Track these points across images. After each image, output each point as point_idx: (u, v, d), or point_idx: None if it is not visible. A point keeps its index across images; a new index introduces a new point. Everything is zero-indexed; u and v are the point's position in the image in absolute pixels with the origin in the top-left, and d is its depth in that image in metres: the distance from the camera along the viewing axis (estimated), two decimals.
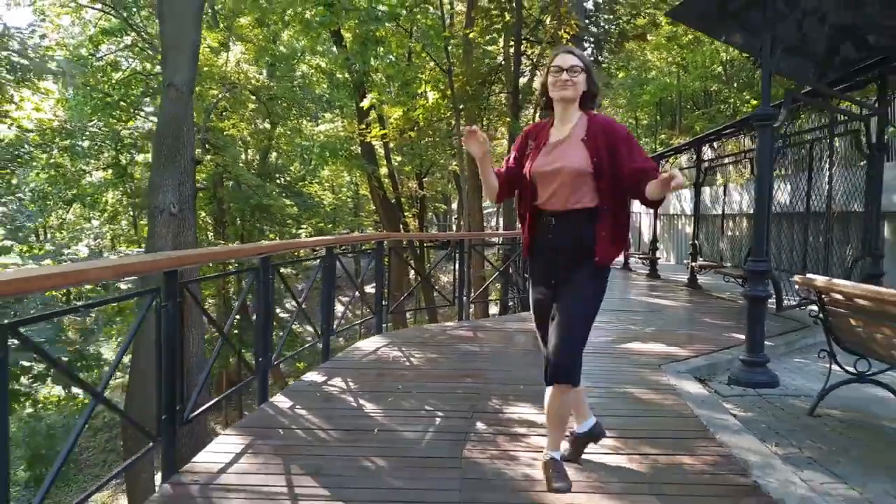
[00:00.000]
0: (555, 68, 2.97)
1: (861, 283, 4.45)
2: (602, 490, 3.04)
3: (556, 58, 3.02)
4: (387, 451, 3.45)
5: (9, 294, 1.86)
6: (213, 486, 2.98)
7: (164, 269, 2.93)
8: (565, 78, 2.91)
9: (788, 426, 4.36)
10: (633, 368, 5.49)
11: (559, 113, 3.03)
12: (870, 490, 3.33)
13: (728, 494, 3.02)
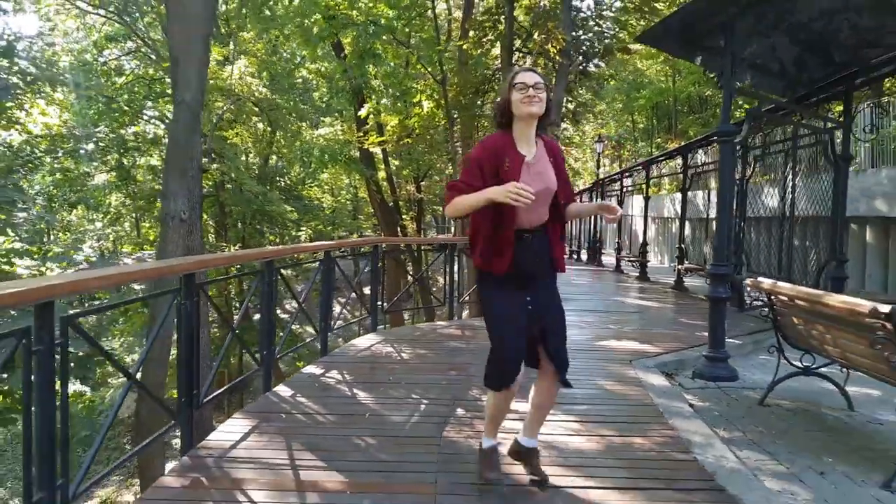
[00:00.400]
0: (520, 85, 2.97)
1: (801, 286, 4.93)
2: (560, 464, 3.53)
3: (519, 75, 3.03)
4: (376, 432, 3.94)
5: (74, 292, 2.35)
6: (226, 458, 3.47)
7: (187, 272, 3.42)
8: (532, 94, 2.93)
9: (739, 414, 4.85)
10: (605, 363, 5.98)
11: (523, 130, 3.02)
12: (796, 466, 3.82)
13: (668, 468, 3.51)
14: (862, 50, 7.22)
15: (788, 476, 3.69)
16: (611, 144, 38.82)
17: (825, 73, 7.60)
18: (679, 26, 5.78)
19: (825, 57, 7.37)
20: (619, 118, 36.77)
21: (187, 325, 3.53)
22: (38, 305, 2.28)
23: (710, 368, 5.81)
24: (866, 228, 13.42)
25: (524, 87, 2.93)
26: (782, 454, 4.01)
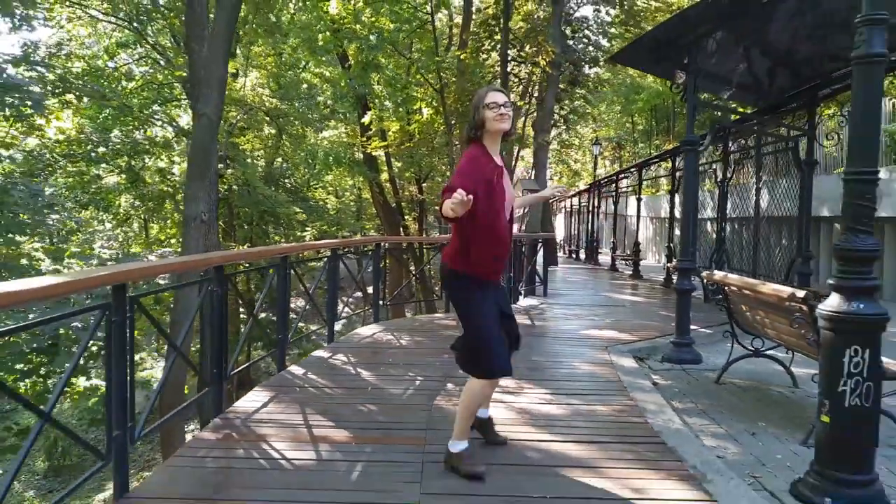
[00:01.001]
0: (493, 104, 3.21)
1: (745, 277, 5.59)
2: (531, 424, 4.20)
3: (489, 95, 3.26)
4: (376, 401, 4.63)
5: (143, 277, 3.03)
6: (250, 419, 4.15)
7: (217, 265, 4.10)
8: (503, 112, 3.21)
9: (696, 390, 5.52)
10: (584, 349, 6.66)
11: (492, 145, 3.29)
12: (734, 429, 4.49)
13: (622, 428, 4.17)
14: (824, 64, 7.86)
15: (725, 436, 4.36)
16: (611, 146, 39.46)
17: (791, 85, 8.24)
18: (649, 47, 6.44)
19: (790, 71, 8.02)
20: (619, 120, 37.34)
21: (218, 309, 4.21)
22: (114, 286, 2.96)
23: (676, 353, 6.48)
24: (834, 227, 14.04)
25: (496, 105, 3.21)
26: (724, 420, 4.68)
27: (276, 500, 3.00)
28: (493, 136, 3.27)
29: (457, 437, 3.40)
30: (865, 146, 3.26)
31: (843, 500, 3.19)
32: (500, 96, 3.26)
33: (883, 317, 3.21)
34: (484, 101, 3.24)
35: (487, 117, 3.22)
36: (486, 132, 3.26)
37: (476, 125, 3.27)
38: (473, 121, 3.29)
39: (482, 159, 3.23)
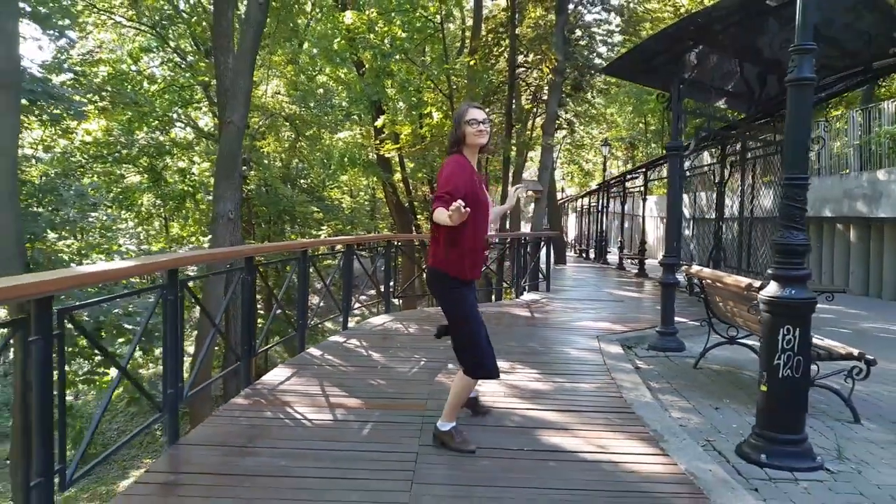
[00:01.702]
0: (473, 121, 3.50)
1: (716, 270, 6.16)
2: (519, 396, 4.82)
3: (470, 112, 3.54)
4: (385, 377, 5.27)
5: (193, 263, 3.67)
6: (276, 389, 4.80)
7: (248, 256, 4.76)
8: (482, 128, 3.51)
9: (674, 373, 6.10)
10: (575, 337, 7.25)
11: (471, 156, 3.60)
12: (700, 404, 5.07)
13: (599, 401, 4.77)
14: None
15: (690, 409, 4.95)
16: (623, 146, 39.86)
17: (779, 92, 8.75)
18: (638, 59, 7.03)
19: (777, 80, 8.54)
20: (631, 121, 37.71)
21: (248, 294, 4.87)
22: (169, 271, 3.62)
23: (661, 341, 7.06)
24: (850, 228, 14.49)
25: (476, 122, 3.49)
26: (693, 398, 5.27)
27: (299, 449, 3.64)
28: (472, 149, 3.58)
29: (446, 419, 3.72)
30: (798, 155, 3.85)
31: (776, 456, 3.78)
32: (479, 113, 3.56)
33: (811, 301, 3.79)
34: (465, 118, 3.52)
35: (468, 132, 3.51)
36: (465, 146, 3.57)
37: (458, 139, 3.55)
38: (456, 135, 3.56)
39: (467, 168, 3.52)
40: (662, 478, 3.38)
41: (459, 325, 3.63)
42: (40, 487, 2.45)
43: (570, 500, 3.07)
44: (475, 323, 3.60)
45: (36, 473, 2.43)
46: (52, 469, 2.51)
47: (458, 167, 3.48)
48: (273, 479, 3.19)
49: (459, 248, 3.51)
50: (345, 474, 3.28)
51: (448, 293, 3.63)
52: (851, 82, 8.68)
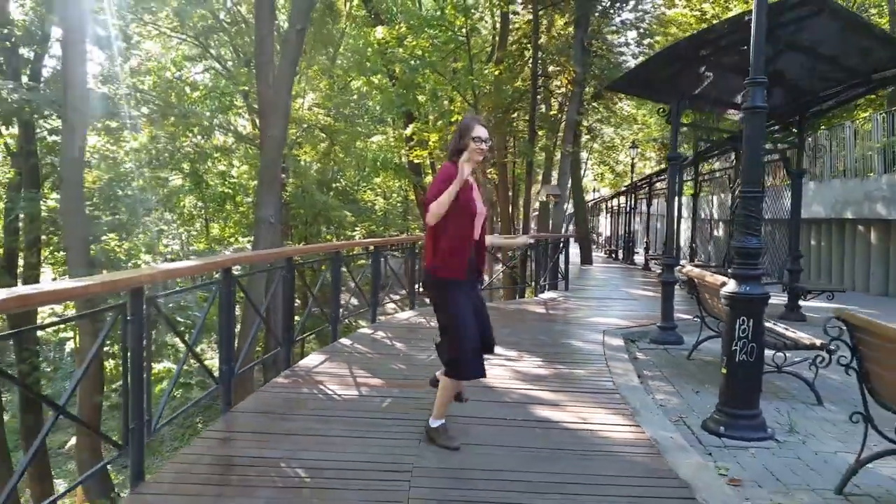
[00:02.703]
0: (478, 139, 3.68)
1: (702, 269, 6.76)
2: (519, 379, 5.53)
3: (477, 129, 3.71)
4: (405, 362, 6.03)
5: (246, 262, 4.48)
6: (310, 372, 5.59)
7: (288, 256, 5.56)
8: (484, 147, 3.71)
9: (667, 363, 6.74)
10: (582, 331, 7.92)
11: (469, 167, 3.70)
12: (684, 389, 5.72)
13: (590, 383, 5.45)
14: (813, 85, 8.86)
15: (673, 393, 5.60)
16: (655, 147, 40.02)
17: (781, 104, 9.26)
18: (640, 77, 7.66)
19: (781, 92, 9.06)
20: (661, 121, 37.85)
21: (288, 290, 5.68)
22: (224, 269, 4.43)
23: (661, 335, 7.68)
24: (871, 230, 14.75)
25: (480, 140, 3.69)
26: (678, 383, 5.91)
27: (328, 415, 4.42)
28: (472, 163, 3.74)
29: (435, 417, 3.94)
30: (753, 172, 4.50)
31: (733, 428, 4.43)
32: (485, 132, 3.75)
33: (765, 296, 4.43)
34: (472, 134, 3.70)
35: (471, 147, 3.68)
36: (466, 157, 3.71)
37: (460, 150, 3.72)
38: (458, 145, 3.74)
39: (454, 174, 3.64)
40: (628, 442, 4.07)
41: (445, 326, 3.84)
42: (136, 430, 3.27)
43: (543, 456, 3.78)
44: (461, 326, 3.73)
45: (132, 419, 3.25)
46: (143, 417, 3.32)
47: (445, 175, 3.68)
48: (306, 437, 3.97)
49: (447, 249, 3.71)
50: (364, 434, 4.04)
51: (437, 293, 3.86)
52: (853, 92, 9.16)
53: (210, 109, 22.20)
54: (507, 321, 8.69)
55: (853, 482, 3.62)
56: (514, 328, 7.97)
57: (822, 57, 8.04)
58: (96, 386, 10.70)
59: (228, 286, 4.42)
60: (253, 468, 3.50)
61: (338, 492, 3.22)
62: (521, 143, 15.24)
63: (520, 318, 9.00)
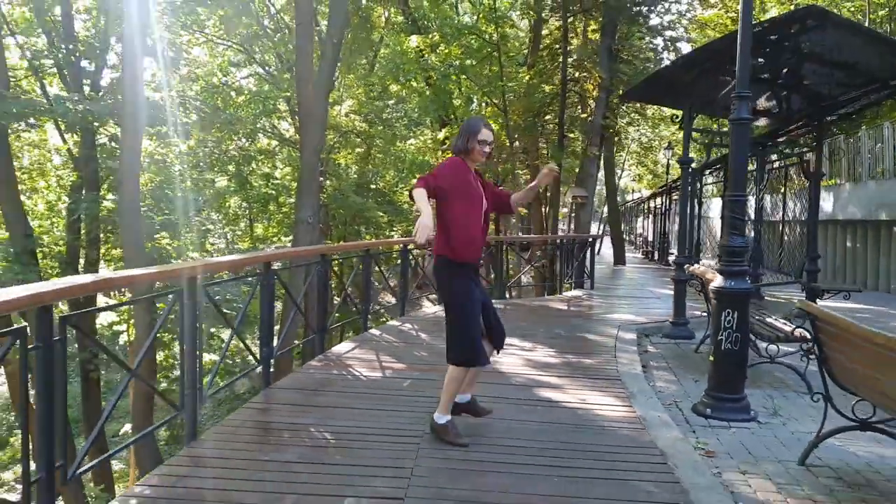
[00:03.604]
0: (483, 141, 3.89)
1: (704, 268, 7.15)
2: (528, 365, 6.05)
3: (483, 132, 3.90)
4: (428, 350, 6.61)
5: (285, 258, 5.13)
6: (341, 357, 6.21)
7: (322, 253, 6.19)
8: (488, 150, 3.95)
9: (675, 355, 7.16)
10: (598, 326, 8.39)
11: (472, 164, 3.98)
12: (684, 378, 6.15)
13: (596, 372, 5.93)
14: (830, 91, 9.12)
15: (673, 381, 6.05)
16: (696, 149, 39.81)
17: (799, 108, 9.54)
18: (656, 85, 8.09)
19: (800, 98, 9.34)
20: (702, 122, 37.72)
21: (321, 283, 6.31)
22: (264, 263, 5.06)
23: (673, 331, 8.09)
24: (892, 231, 14.77)
25: (485, 143, 3.91)
26: (680, 373, 6.35)
27: (355, 392, 5.02)
28: (474, 161, 4.00)
29: (441, 411, 4.01)
30: (738, 178, 4.93)
31: (719, 410, 4.88)
32: (490, 135, 3.97)
33: (748, 290, 4.87)
34: (478, 137, 3.90)
35: (475, 149, 3.90)
36: (468, 156, 3.97)
37: (465, 149, 3.93)
38: (464, 145, 3.92)
39: (461, 166, 3.94)
40: (618, 419, 4.57)
41: (448, 310, 3.97)
42: (190, 395, 3.91)
43: (540, 429, 4.30)
44: (463, 313, 3.87)
45: (187, 386, 3.89)
46: (195, 385, 3.97)
47: (453, 166, 3.93)
48: (334, 408, 4.58)
49: (451, 234, 3.87)
50: (384, 408, 4.63)
51: (444, 279, 4.00)
52: (874, 97, 9.37)
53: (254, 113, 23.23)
54: (528, 316, 9.19)
55: (816, 455, 4.05)
56: (532, 322, 8.48)
57: (838, 64, 8.31)
58: (151, 372, 11.58)
59: (268, 278, 5.06)
60: (287, 432, 4.12)
61: (357, 451, 3.80)
62: (551, 146, 15.69)
63: (540, 314, 9.49)
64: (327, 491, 3.26)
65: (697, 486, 3.47)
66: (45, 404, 2.65)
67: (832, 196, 16.81)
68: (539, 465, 3.69)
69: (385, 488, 3.31)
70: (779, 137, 10.60)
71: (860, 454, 4.19)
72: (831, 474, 3.86)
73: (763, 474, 3.84)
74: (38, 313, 2.58)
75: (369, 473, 3.48)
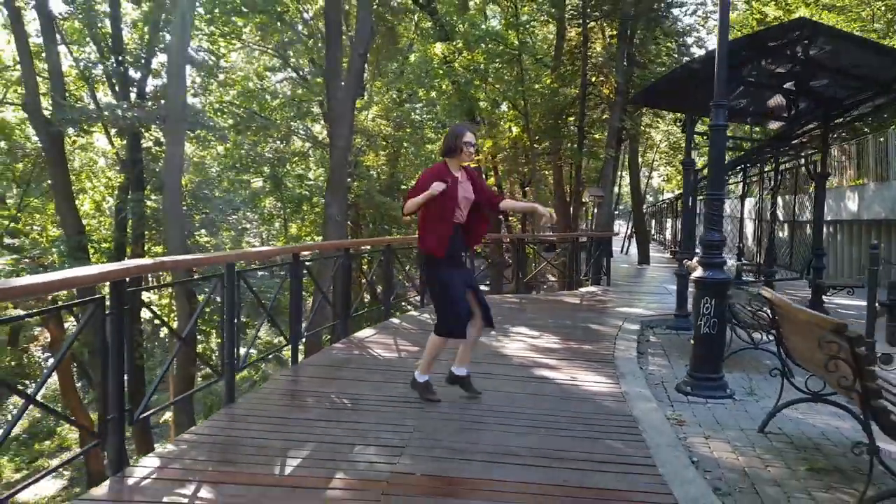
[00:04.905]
0: (468, 144, 4.42)
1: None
2: (530, 349, 6.64)
3: (468, 135, 4.45)
4: None
5: (306, 251, 5.81)
6: (363, 341, 6.87)
7: (346, 247, 6.87)
8: (472, 151, 4.47)
9: (674, 345, 7.66)
10: (605, 318, 8.91)
11: (456, 165, 4.50)
12: (677, 363, 6.66)
13: (593, 356, 6.48)
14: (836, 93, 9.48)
15: (665, 366, 6.58)
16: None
17: (806, 111, 9.91)
18: (662, 90, 8.60)
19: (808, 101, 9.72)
20: None
21: (345, 274, 6.98)
22: (294, 254, 5.74)
23: (676, 322, 8.58)
24: None
25: (470, 145, 4.44)
26: (674, 359, 6.86)
27: (373, 368, 5.67)
28: (459, 161, 4.53)
29: (421, 371, 4.70)
30: (716, 178, 5.46)
31: (698, 388, 5.41)
32: (473, 138, 4.51)
33: (726, 280, 5.39)
34: (463, 139, 4.44)
35: (462, 149, 4.44)
36: (455, 158, 4.49)
37: (452, 150, 4.45)
38: (452, 146, 4.45)
39: (440, 171, 4.45)
40: (603, 393, 5.13)
41: (433, 296, 4.68)
42: (228, 364, 4.61)
43: (531, 398, 4.90)
44: (452, 295, 4.46)
45: (226, 356, 4.59)
46: (233, 355, 4.66)
47: (430, 175, 4.45)
48: (353, 381, 5.24)
49: (427, 230, 4.49)
50: (397, 380, 5.27)
51: (427, 269, 4.76)
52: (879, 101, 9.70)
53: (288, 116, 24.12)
54: (541, 309, 9.76)
55: (777, 425, 4.57)
56: (542, 314, 9.05)
57: (839, 69, 8.70)
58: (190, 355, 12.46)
59: (297, 267, 5.75)
60: (310, 397, 4.80)
61: (368, 412, 4.45)
62: (571, 148, 16.24)
63: (553, 307, 10.04)
64: (342, 440, 3.91)
65: (659, 446, 4.03)
66: (116, 360, 3.35)
67: (857, 196, 16.94)
68: (526, 425, 4.28)
69: (390, 439, 3.94)
70: (792, 140, 10.97)
71: (817, 425, 4.70)
72: (785, 440, 4.39)
73: (723, 439, 4.38)
74: (113, 286, 3.28)
75: (378, 429, 4.12)
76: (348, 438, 3.93)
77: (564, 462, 3.67)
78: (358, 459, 3.64)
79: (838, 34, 7.66)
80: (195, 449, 3.74)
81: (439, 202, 4.39)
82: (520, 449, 3.84)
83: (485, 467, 3.58)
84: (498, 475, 3.47)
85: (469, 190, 4.57)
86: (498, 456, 3.73)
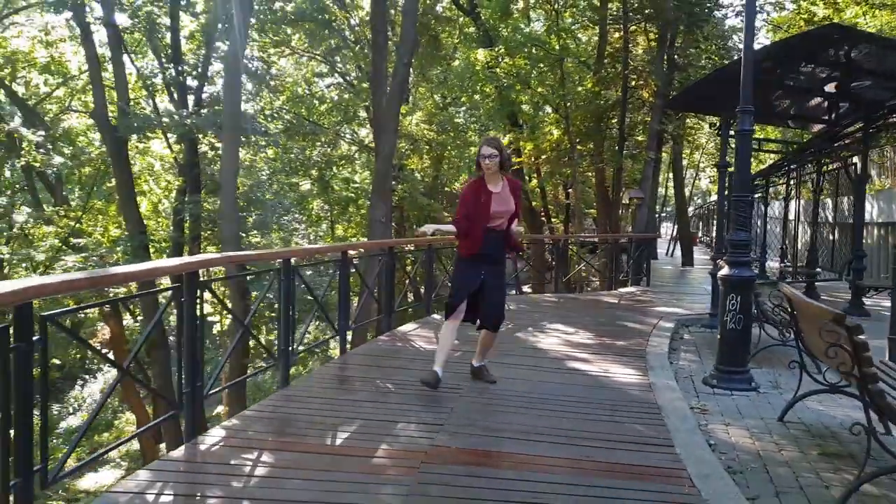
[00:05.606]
0: (482, 156, 4.75)
1: None
2: (565, 344, 6.96)
3: (482, 148, 4.80)
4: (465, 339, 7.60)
5: (353, 249, 6.27)
6: (406, 334, 7.29)
7: (389, 247, 7.31)
8: (487, 163, 4.73)
9: (706, 342, 7.85)
10: (641, 317, 9.16)
11: (488, 177, 4.82)
12: (706, 358, 6.89)
13: (625, 350, 6.77)
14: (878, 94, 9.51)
15: (696, 361, 6.82)
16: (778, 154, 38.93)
17: (847, 112, 9.97)
18: (697, 94, 8.81)
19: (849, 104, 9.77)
20: None
21: (389, 272, 7.42)
22: (342, 252, 6.19)
23: (710, 321, 8.73)
24: None
25: (483, 157, 4.75)
26: (705, 355, 7.08)
27: (416, 358, 6.09)
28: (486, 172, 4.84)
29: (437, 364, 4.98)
30: (743, 181, 5.71)
31: (724, 381, 5.65)
32: (486, 149, 4.79)
33: (751, 278, 5.63)
34: (480, 152, 4.83)
35: (481, 163, 4.80)
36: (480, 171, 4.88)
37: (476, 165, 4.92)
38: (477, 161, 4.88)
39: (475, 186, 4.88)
40: (631, 384, 5.44)
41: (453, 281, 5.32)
42: (283, 350, 5.08)
43: (559, 387, 5.24)
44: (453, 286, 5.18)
45: (282, 343, 5.06)
46: (288, 343, 5.13)
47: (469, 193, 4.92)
48: (396, 369, 5.67)
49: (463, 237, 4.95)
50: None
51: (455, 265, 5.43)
52: None
53: (335, 121, 24.83)
54: (577, 307, 10.05)
55: (796, 415, 4.81)
56: (580, 312, 9.35)
57: (876, 72, 8.76)
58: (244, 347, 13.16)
59: (345, 264, 6.22)
60: (358, 381, 5.25)
61: (411, 395, 4.87)
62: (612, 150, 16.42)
63: (591, 306, 10.32)
64: (387, 418, 4.33)
65: (679, 430, 4.33)
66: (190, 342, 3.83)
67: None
68: (556, 409, 4.64)
69: (429, 418, 4.35)
70: (834, 141, 11.00)
71: (835, 415, 4.92)
72: (802, 428, 4.63)
73: (742, 426, 4.65)
74: (186, 277, 3.78)
75: (419, 409, 4.53)
76: (391, 416, 4.35)
77: (589, 441, 4.01)
78: (400, 434, 4.06)
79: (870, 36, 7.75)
80: (256, 423, 4.20)
81: (473, 213, 4.79)
82: (549, 429, 4.19)
83: (517, 444, 3.96)
84: (528, 451, 3.84)
85: (508, 201, 4.90)
86: (529, 435, 4.09)
